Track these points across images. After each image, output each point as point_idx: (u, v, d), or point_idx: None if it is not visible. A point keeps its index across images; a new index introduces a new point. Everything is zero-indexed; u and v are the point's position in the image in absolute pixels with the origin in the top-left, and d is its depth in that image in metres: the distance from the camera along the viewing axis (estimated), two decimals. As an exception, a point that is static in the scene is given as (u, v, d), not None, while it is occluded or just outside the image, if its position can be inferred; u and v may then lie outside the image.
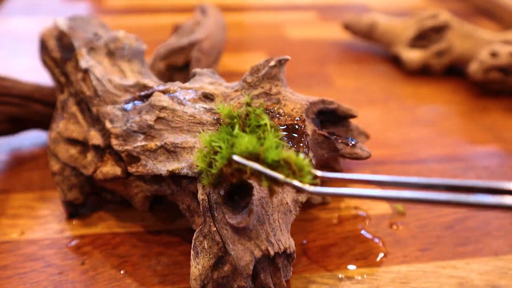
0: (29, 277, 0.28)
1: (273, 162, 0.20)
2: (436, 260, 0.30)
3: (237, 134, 0.22)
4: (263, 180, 0.20)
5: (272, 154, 0.20)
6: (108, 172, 0.29)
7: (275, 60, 0.29)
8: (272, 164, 0.20)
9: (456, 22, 0.55)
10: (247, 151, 0.21)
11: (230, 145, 0.22)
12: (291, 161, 0.20)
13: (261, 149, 0.21)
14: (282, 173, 0.20)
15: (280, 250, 0.23)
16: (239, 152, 0.21)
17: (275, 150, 0.21)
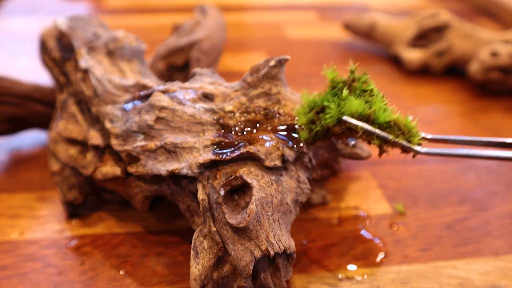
0: (29, 277, 0.28)
1: (384, 123, 0.22)
2: (436, 260, 0.30)
3: (345, 97, 0.23)
4: (374, 139, 0.22)
5: (383, 116, 0.22)
6: (107, 172, 0.29)
7: (275, 60, 0.29)
8: (382, 125, 0.22)
9: (456, 22, 0.55)
10: (357, 112, 0.22)
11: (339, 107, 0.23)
12: (400, 123, 0.22)
13: (371, 111, 0.22)
14: (392, 133, 0.22)
15: (280, 250, 0.23)
16: (349, 113, 0.22)
17: (385, 112, 0.22)
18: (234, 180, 0.24)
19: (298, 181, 0.26)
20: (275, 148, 0.26)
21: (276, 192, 0.25)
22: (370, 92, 0.24)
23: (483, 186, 0.37)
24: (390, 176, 0.38)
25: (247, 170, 0.25)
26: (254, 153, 0.25)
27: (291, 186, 0.26)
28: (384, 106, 0.23)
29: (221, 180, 0.25)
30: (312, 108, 0.24)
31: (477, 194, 0.36)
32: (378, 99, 0.23)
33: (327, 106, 0.23)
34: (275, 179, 0.25)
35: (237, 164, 0.25)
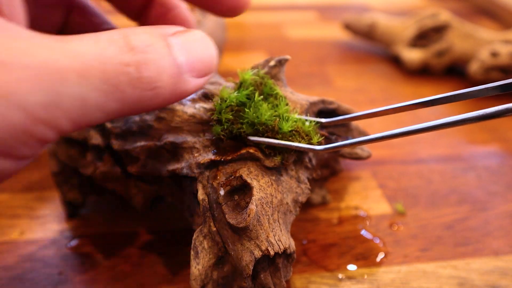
0: (28, 277, 0.28)
1: (287, 132, 0.25)
2: (436, 260, 0.30)
3: (258, 101, 0.26)
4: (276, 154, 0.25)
5: (286, 126, 0.25)
6: (108, 172, 0.29)
7: (275, 60, 0.29)
8: (286, 134, 0.25)
9: (456, 22, 0.55)
10: (265, 123, 0.25)
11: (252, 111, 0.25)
12: (301, 129, 0.25)
13: (276, 122, 0.25)
14: (295, 140, 0.25)
15: (280, 250, 0.23)
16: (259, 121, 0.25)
17: (288, 122, 0.25)
18: (234, 180, 0.24)
19: (298, 181, 0.26)
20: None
21: (276, 192, 0.25)
22: (276, 96, 0.27)
23: (483, 186, 0.37)
24: (390, 176, 0.38)
25: (247, 170, 0.25)
26: (254, 153, 0.25)
27: (291, 186, 0.26)
28: (287, 108, 0.26)
29: (221, 180, 0.25)
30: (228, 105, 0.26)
31: (477, 194, 0.36)
32: (282, 103, 0.26)
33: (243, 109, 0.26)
34: (275, 179, 0.25)
35: (237, 164, 0.25)
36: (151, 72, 0.18)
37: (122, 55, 0.17)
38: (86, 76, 0.16)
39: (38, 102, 0.15)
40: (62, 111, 0.16)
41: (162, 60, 0.18)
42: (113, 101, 0.17)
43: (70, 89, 0.15)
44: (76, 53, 0.16)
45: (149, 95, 0.18)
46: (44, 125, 0.15)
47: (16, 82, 0.14)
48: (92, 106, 0.16)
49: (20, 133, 0.15)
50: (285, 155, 0.25)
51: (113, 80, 0.17)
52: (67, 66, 0.15)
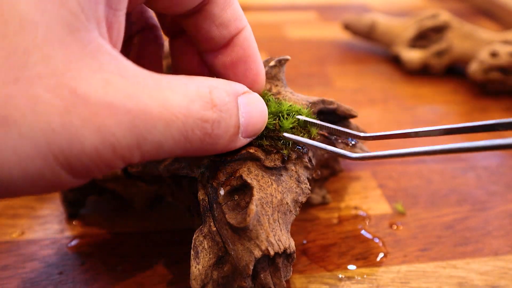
0: (29, 277, 0.28)
1: (289, 129, 0.25)
2: (436, 260, 0.30)
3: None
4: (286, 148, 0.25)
5: (287, 123, 0.25)
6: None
7: (275, 60, 0.29)
8: (287, 131, 0.25)
9: (456, 22, 0.55)
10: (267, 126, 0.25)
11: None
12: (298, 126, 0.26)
13: (277, 122, 0.25)
14: (296, 134, 0.25)
15: (280, 250, 0.23)
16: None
17: (288, 120, 0.25)
18: (234, 180, 0.24)
19: (298, 181, 0.26)
20: (275, 148, 0.26)
21: (276, 192, 0.25)
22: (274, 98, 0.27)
23: (483, 186, 0.37)
24: (390, 176, 0.38)
25: (247, 170, 0.25)
26: (254, 153, 0.25)
27: (291, 186, 0.26)
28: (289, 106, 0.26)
29: (221, 180, 0.25)
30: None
31: (476, 194, 0.36)
32: (285, 104, 0.26)
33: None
34: (275, 179, 0.25)
35: (237, 164, 0.25)
36: (220, 131, 0.20)
37: (205, 112, 0.19)
38: (170, 126, 0.18)
39: (126, 145, 0.17)
40: (139, 152, 0.18)
41: (230, 120, 0.20)
42: (179, 149, 0.19)
43: (154, 136, 0.18)
44: (168, 103, 0.18)
45: (208, 149, 0.20)
46: (120, 159, 0.17)
47: (116, 125, 0.17)
48: (164, 151, 0.18)
49: (99, 161, 0.17)
50: (287, 151, 0.25)
51: (189, 133, 0.19)
52: (158, 114, 0.18)
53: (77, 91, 0.16)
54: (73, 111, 0.16)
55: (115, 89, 0.17)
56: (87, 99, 0.16)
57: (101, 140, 0.16)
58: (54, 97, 0.16)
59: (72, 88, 0.16)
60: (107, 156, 0.17)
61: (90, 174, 0.17)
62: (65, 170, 0.16)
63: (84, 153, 0.16)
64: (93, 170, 0.17)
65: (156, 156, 0.19)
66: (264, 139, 0.25)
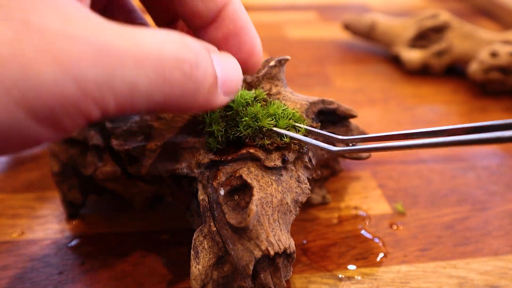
0: (29, 277, 0.28)
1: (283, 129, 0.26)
2: (436, 260, 0.30)
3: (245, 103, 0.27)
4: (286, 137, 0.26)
5: (281, 123, 0.26)
6: (108, 172, 0.29)
7: (275, 60, 0.29)
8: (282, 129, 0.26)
9: (456, 22, 0.55)
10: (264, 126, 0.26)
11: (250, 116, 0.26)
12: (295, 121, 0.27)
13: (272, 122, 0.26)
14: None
15: (280, 250, 0.23)
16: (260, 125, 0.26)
17: (283, 120, 0.26)
18: (234, 180, 0.24)
19: (298, 181, 0.26)
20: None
21: (276, 192, 0.25)
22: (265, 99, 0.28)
23: (483, 186, 0.37)
24: (390, 176, 0.38)
25: (247, 170, 0.25)
26: (254, 153, 0.25)
27: (291, 186, 0.26)
28: (279, 105, 0.27)
29: (221, 180, 0.25)
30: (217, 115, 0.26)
31: (476, 194, 0.36)
32: (276, 103, 0.27)
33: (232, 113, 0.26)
34: (275, 179, 0.25)
35: (237, 164, 0.25)
36: (199, 74, 0.19)
37: (181, 52, 0.18)
38: (142, 64, 0.17)
39: (93, 79, 0.15)
40: (112, 92, 0.16)
41: (208, 67, 0.20)
42: (159, 93, 0.18)
43: (124, 73, 0.16)
44: (137, 41, 0.17)
45: (191, 95, 0.19)
46: (92, 101, 0.16)
47: (78, 55, 0.15)
48: (139, 93, 0.17)
49: (69, 105, 0.15)
50: (288, 139, 0.26)
51: (167, 73, 0.17)
52: (126, 50, 0.16)
53: (31, 22, 0.14)
54: (26, 41, 0.14)
55: (76, 24, 0.15)
56: (42, 30, 0.15)
57: (61, 71, 0.15)
58: (4, 26, 0.14)
59: (25, 20, 0.14)
60: (73, 93, 0.15)
61: (61, 121, 0.16)
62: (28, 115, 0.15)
63: (44, 87, 0.14)
64: (62, 115, 0.15)
65: (135, 101, 0.17)
66: (265, 139, 0.25)
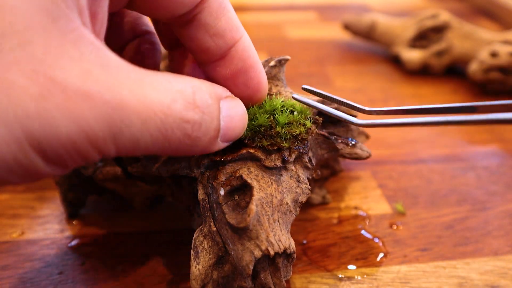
0: (29, 277, 0.28)
1: (285, 124, 0.26)
2: (436, 260, 0.30)
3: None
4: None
5: (281, 119, 0.25)
6: (108, 172, 0.29)
7: (275, 60, 0.29)
8: (283, 126, 0.26)
9: (456, 22, 0.55)
10: (262, 124, 0.25)
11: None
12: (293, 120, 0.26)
13: (271, 119, 0.26)
14: (293, 127, 0.26)
15: (280, 250, 0.23)
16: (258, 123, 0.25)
17: (283, 115, 0.26)
18: (234, 180, 0.24)
19: (298, 181, 0.26)
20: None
21: (276, 192, 0.25)
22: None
23: (483, 186, 0.37)
24: (390, 176, 0.38)
25: (247, 170, 0.25)
26: (254, 153, 0.25)
27: (291, 186, 0.26)
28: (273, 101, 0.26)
29: (221, 180, 0.25)
30: None
31: (476, 194, 0.36)
32: (270, 101, 0.26)
33: None
34: (275, 179, 0.25)
35: (237, 164, 0.25)
36: (200, 132, 0.20)
37: (187, 111, 0.19)
38: (147, 124, 0.18)
39: (101, 135, 0.17)
40: (114, 145, 0.18)
41: (211, 123, 0.20)
42: (158, 147, 0.19)
43: (131, 131, 0.17)
44: (148, 99, 0.18)
45: (185, 150, 0.20)
46: (97, 151, 0.17)
47: (92, 115, 0.16)
48: (139, 148, 0.18)
49: (73, 150, 0.17)
50: (288, 144, 0.25)
51: (168, 132, 0.18)
52: (137, 110, 0.17)
53: (54, 78, 0.16)
54: (49, 98, 0.16)
55: (94, 79, 0.17)
56: (64, 87, 0.16)
57: (75, 128, 0.16)
58: (30, 82, 0.15)
59: (49, 75, 0.16)
60: (82, 146, 0.17)
61: (65, 162, 0.17)
62: (39, 156, 0.16)
63: (58, 141, 0.16)
64: (68, 159, 0.17)
65: (132, 151, 0.18)
66: (264, 140, 0.25)
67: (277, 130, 0.25)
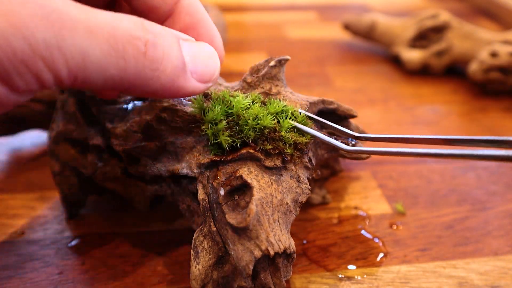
0: (29, 277, 0.28)
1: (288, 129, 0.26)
2: (436, 260, 0.30)
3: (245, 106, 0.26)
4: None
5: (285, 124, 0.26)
6: (108, 172, 0.29)
7: (275, 60, 0.29)
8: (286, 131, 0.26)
9: (456, 22, 0.55)
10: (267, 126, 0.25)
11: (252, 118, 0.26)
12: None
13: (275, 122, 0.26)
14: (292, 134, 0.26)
15: (280, 250, 0.23)
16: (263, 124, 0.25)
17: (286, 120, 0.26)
18: (234, 180, 0.24)
19: (298, 181, 0.26)
20: (275, 148, 0.26)
21: (276, 192, 0.25)
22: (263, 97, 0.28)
23: (483, 186, 0.37)
24: (390, 176, 0.38)
25: (247, 170, 0.25)
26: (254, 153, 0.25)
27: (291, 186, 0.26)
28: (277, 103, 0.26)
29: (221, 180, 0.25)
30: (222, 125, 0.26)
31: (476, 194, 0.36)
32: (274, 102, 0.27)
33: (233, 117, 0.26)
34: (275, 179, 0.25)
35: (237, 164, 0.25)
36: (157, 54, 0.19)
37: (135, 30, 0.18)
38: (94, 33, 0.17)
39: (42, 40, 0.16)
40: (62, 56, 0.16)
41: (170, 49, 0.20)
42: (113, 67, 0.18)
43: (74, 39, 0.16)
44: (91, 13, 0.17)
45: (149, 75, 0.19)
46: (42, 61, 0.16)
47: (28, 16, 0.15)
48: (92, 64, 0.17)
49: (17, 61, 0.16)
50: (291, 150, 0.25)
51: (119, 46, 0.18)
52: (78, 19, 0.17)
53: None
54: None
55: None
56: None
57: (10, 27, 0.15)
58: None
59: None
60: (22, 49, 0.15)
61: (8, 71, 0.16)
62: None
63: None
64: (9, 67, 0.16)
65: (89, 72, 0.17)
66: (267, 143, 0.25)
67: (281, 134, 0.25)
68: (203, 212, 0.25)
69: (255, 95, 0.27)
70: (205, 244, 0.24)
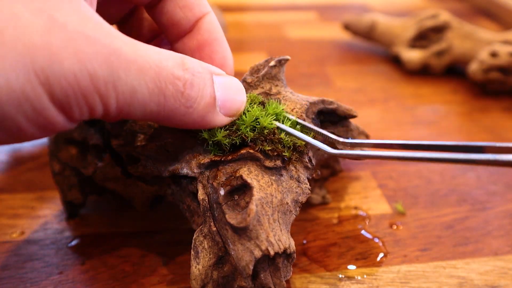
0: (29, 277, 0.28)
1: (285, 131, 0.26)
2: (436, 260, 0.30)
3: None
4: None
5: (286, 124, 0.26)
6: (108, 172, 0.29)
7: (275, 60, 0.29)
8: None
9: (456, 22, 0.55)
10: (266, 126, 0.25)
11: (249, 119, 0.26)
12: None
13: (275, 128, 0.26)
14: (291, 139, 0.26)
15: (280, 250, 0.23)
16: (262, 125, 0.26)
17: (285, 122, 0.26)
18: (234, 180, 0.24)
19: (298, 181, 0.26)
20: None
21: (276, 192, 0.25)
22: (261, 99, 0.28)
23: (483, 186, 0.37)
24: (390, 176, 0.38)
25: (247, 170, 0.25)
26: (254, 153, 0.25)
27: (291, 186, 0.26)
28: (276, 105, 0.26)
29: (221, 180, 0.25)
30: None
31: (476, 194, 0.36)
32: (274, 104, 0.27)
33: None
34: (275, 179, 0.25)
35: (237, 164, 0.25)
36: (193, 93, 0.21)
37: (177, 69, 0.20)
38: (143, 73, 0.19)
39: (102, 77, 0.18)
40: (115, 92, 0.18)
41: (205, 88, 0.22)
42: (154, 103, 0.20)
43: (127, 77, 0.18)
44: (141, 51, 0.19)
45: (183, 111, 0.21)
46: (98, 96, 0.18)
47: (93, 54, 0.17)
48: (138, 101, 0.19)
49: (81, 95, 0.17)
50: (289, 153, 0.26)
51: (162, 85, 0.19)
52: (133, 59, 0.18)
53: (56, 19, 0.17)
54: (53, 34, 0.16)
55: (92, 27, 0.18)
56: (65, 27, 0.17)
57: (78, 64, 0.17)
58: (34, 18, 0.16)
59: (51, 15, 0.17)
60: (85, 84, 0.17)
61: (70, 107, 0.18)
62: (46, 92, 0.17)
63: (63, 75, 0.17)
64: (73, 102, 0.17)
65: (131, 104, 0.19)
66: (266, 144, 0.25)
67: (280, 136, 0.25)
68: (203, 212, 0.25)
69: (254, 96, 0.27)
70: (205, 244, 0.24)
